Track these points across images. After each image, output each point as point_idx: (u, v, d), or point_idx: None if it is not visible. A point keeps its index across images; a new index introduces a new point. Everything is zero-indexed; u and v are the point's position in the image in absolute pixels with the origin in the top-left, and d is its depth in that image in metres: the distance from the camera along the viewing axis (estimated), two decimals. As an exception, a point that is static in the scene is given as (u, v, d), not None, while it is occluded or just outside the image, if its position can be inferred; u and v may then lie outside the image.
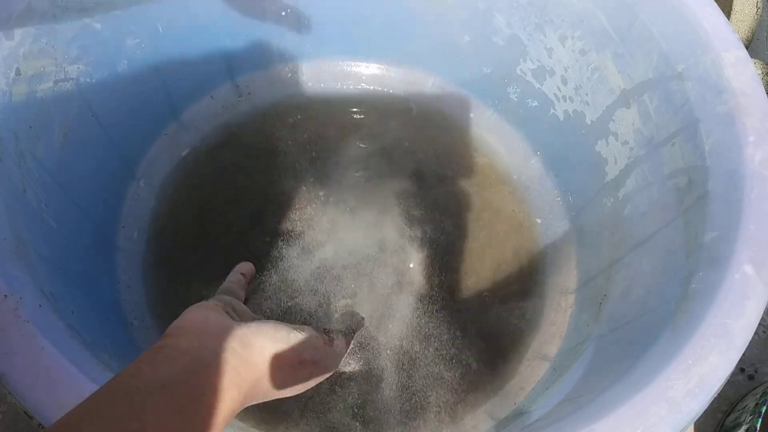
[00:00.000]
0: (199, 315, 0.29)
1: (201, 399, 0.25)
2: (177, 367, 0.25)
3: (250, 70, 0.59)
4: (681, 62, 0.40)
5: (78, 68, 0.42)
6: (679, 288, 0.34)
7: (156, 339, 0.46)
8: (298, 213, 0.52)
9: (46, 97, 0.39)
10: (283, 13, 0.56)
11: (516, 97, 0.58)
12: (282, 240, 0.51)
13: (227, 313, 0.31)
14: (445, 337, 0.49)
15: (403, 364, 0.47)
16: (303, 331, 0.32)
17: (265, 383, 0.29)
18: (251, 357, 0.28)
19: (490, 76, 0.58)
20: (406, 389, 0.46)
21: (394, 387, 0.46)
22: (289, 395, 0.32)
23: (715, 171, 0.36)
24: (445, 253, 0.52)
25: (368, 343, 0.48)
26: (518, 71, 0.55)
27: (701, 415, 0.28)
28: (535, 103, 0.56)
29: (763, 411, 0.45)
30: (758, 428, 0.44)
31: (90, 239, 0.45)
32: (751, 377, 0.55)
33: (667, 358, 0.29)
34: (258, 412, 0.45)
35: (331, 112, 0.60)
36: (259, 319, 0.33)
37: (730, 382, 0.54)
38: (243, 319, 0.33)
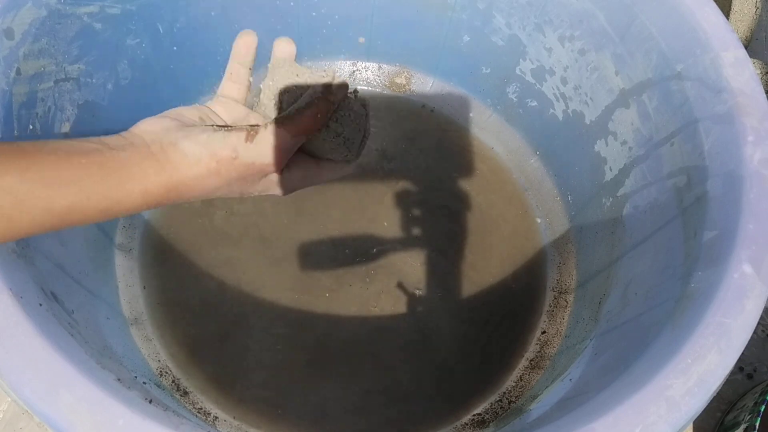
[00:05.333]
0: (150, 123, 0.34)
1: (119, 162, 0.30)
2: (111, 141, 0.32)
3: (249, 69, 0.59)
4: (680, 62, 0.40)
5: (78, 68, 0.42)
6: (678, 287, 0.34)
7: (154, 338, 0.47)
8: (296, 209, 0.52)
9: (47, 97, 0.39)
10: (283, 14, 0.56)
11: (515, 97, 0.58)
12: (282, 234, 0.51)
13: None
14: (444, 336, 0.49)
15: (400, 365, 0.47)
16: (230, 131, 0.33)
17: (191, 183, 0.32)
18: (173, 154, 0.32)
19: (489, 76, 0.58)
20: (405, 390, 0.47)
21: (392, 389, 0.47)
22: (220, 194, 0.34)
23: (714, 170, 0.36)
24: (444, 253, 0.52)
25: (366, 344, 0.48)
26: (518, 71, 0.55)
27: (700, 414, 0.28)
28: (535, 103, 0.56)
29: (762, 410, 0.45)
30: (757, 427, 0.44)
31: (90, 239, 0.45)
32: (750, 376, 0.55)
33: (666, 357, 0.29)
34: (259, 412, 0.45)
35: (330, 111, 0.60)
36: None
37: (729, 381, 0.54)
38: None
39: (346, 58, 0.62)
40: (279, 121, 0.33)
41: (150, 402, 0.29)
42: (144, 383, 0.40)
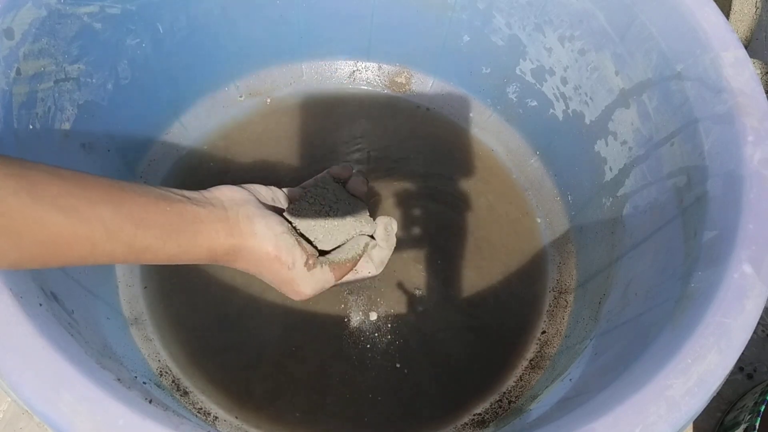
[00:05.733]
0: (232, 190, 0.38)
1: (197, 218, 0.34)
2: (193, 196, 0.35)
3: (250, 70, 0.59)
4: (680, 62, 0.40)
5: (78, 68, 0.42)
6: (678, 287, 0.34)
7: (154, 338, 0.47)
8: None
9: (47, 97, 0.40)
10: (283, 14, 0.56)
11: (515, 97, 0.58)
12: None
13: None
14: (444, 336, 0.49)
15: (400, 365, 0.47)
16: (298, 244, 0.38)
17: (246, 254, 0.37)
18: (246, 227, 0.36)
19: (489, 76, 0.58)
20: (405, 390, 0.47)
21: (392, 389, 0.47)
22: (260, 277, 0.39)
23: (714, 170, 0.36)
24: (443, 252, 0.52)
25: (365, 343, 0.48)
26: (518, 71, 0.55)
27: (700, 414, 0.28)
28: (535, 103, 0.56)
29: (762, 410, 0.45)
30: (757, 427, 0.44)
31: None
32: (750, 376, 0.55)
33: (666, 357, 0.29)
34: (259, 411, 0.45)
35: (330, 112, 0.60)
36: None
37: (729, 381, 0.54)
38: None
39: (346, 58, 0.62)
40: (332, 266, 0.40)
41: (150, 402, 0.29)
42: (144, 383, 0.40)
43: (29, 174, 0.27)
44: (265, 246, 0.37)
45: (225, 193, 0.38)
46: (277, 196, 0.41)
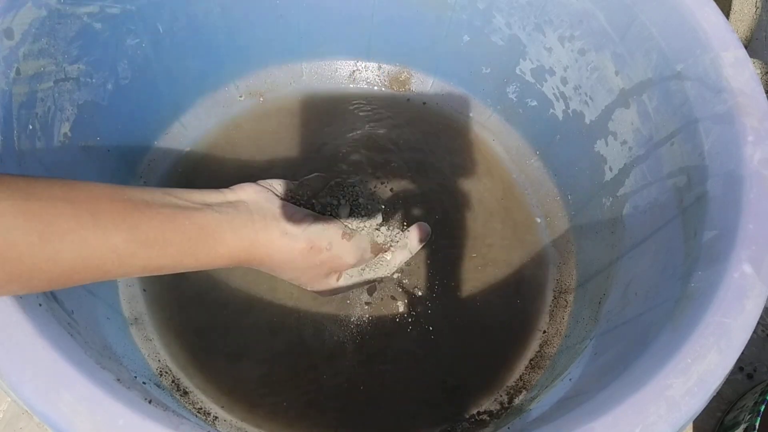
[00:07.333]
0: (255, 191, 0.38)
1: (214, 225, 0.33)
2: (213, 199, 0.34)
3: (249, 70, 0.59)
4: (680, 62, 0.40)
5: (78, 68, 0.42)
6: (678, 287, 0.34)
7: (154, 338, 0.47)
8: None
9: (47, 97, 0.40)
10: (283, 14, 0.56)
11: (515, 97, 0.58)
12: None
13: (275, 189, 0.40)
14: (444, 336, 0.49)
15: (399, 364, 0.47)
16: (328, 225, 0.39)
17: (274, 255, 0.36)
18: (274, 229, 0.36)
19: (489, 76, 0.58)
20: (405, 390, 0.47)
21: (391, 388, 0.47)
22: (288, 276, 0.39)
23: (714, 170, 0.36)
24: (443, 252, 0.52)
25: (364, 342, 0.48)
26: (518, 71, 0.55)
27: (700, 414, 0.28)
28: (535, 103, 0.56)
29: (762, 410, 0.45)
30: (757, 427, 0.44)
31: (90, 239, 0.45)
32: (750, 376, 0.55)
33: (666, 357, 0.29)
34: (259, 411, 0.45)
35: (330, 112, 0.60)
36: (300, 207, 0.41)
37: (729, 381, 0.54)
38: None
39: (346, 58, 0.62)
40: (375, 235, 0.42)
41: (150, 402, 0.29)
42: (144, 383, 0.40)
43: (39, 208, 0.26)
44: (297, 243, 0.37)
45: (249, 193, 0.37)
46: (291, 188, 0.42)
